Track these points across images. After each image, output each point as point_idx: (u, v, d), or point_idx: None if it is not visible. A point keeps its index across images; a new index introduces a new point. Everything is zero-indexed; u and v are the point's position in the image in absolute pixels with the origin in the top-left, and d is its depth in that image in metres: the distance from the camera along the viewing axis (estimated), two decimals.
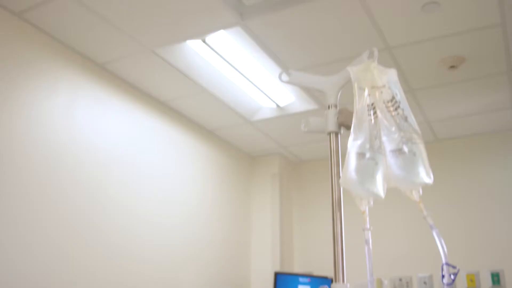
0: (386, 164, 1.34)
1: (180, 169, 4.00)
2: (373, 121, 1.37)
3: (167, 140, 3.92)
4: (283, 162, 5.15)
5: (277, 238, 4.78)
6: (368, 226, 1.33)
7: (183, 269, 3.85)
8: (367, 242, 1.32)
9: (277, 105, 4.17)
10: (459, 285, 4.31)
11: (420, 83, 3.69)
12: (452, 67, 3.44)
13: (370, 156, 1.34)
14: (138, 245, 3.44)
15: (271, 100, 4.07)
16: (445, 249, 1.30)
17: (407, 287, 4.49)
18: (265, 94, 3.97)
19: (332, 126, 1.49)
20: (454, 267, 1.27)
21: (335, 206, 1.41)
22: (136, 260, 3.40)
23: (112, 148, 3.35)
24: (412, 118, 1.38)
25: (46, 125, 2.90)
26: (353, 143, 1.35)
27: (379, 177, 1.34)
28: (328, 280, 4.61)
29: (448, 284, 1.27)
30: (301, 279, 4.51)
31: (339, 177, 1.43)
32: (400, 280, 4.50)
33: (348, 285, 1.35)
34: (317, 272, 4.78)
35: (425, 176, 1.33)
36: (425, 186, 1.34)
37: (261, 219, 4.88)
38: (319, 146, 4.97)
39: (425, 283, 4.45)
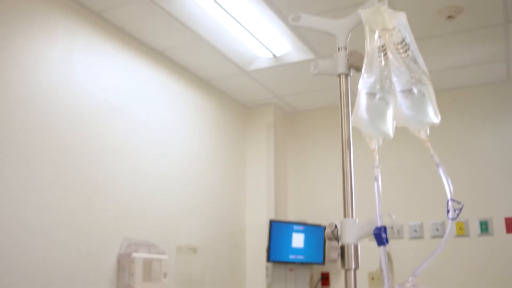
0: (396, 104, 1.38)
1: (176, 119, 4.03)
2: (383, 62, 1.40)
3: (163, 90, 3.93)
4: (278, 113, 5.18)
5: (271, 187, 4.85)
6: (377, 163, 1.37)
7: (180, 218, 3.92)
8: (376, 179, 1.37)
9: (273, 55, 4.17)
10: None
11: (417, 34, 3.69)
12: (450, 17, 3.45)
13: (381, 96, 1.38)
14: (136, 196, 3.49)
15: (268, 49, 4.06)
16: (451, 186, 1.36)
17: (398, 234, 4.62)
18: (262, 44, 3.96)
19: (342, 68, 1.52)
20: (459, 202, 1.33)
21: (345, 145, 1.45)
22: (134, 211, 3.46)
23: (109, 98, 3.36)
24: (421, 60, 1.42)
25: (43, 76, 2.90)
26: (364, 84, 1.39)
27: (389, 117, 1.38)
28: (321, 228, 4.73)
29: (452, 219, 1.33)
30: (295, 227, 4.62)
31: (348, 117, 1.47)
32: (392, 228, 4.63)
33: (357, 220, 1.41)
34: (311, 220, 4.89)
35: (433, 116, 1.38)
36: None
37: (256, 169, 4.94)
38: (314, 97, 5.00)
39: (415, 231, 4.58)
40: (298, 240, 4.58)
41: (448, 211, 1.34)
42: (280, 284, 4.55)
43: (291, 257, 4.53)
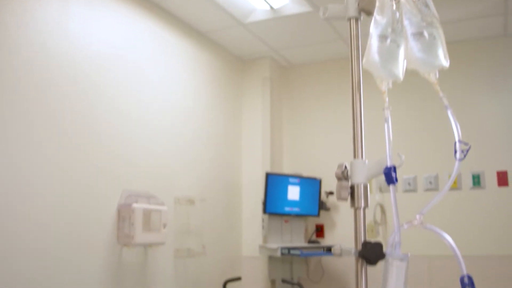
0: (407, 46, 1.40)
1: (172, 72, 4.01)
2: (395, 6, 1.41)
3: (159, 42, 3.90)
4: (274, 66, 5.17)
5: (267, 140, 4.89)
6: (387, 105, 1.39)
7: (178, 171, 3.96)
8: (386, 120, 1.40)
9: (271, 7, 4.13)
10: (441, 187, 4.52)
11: None
12: None
13: (392, 39, 1.39)
14: (134, 149, 3.51)
15: (265, 1, 4.03)
16: (459, 128, 1.39)
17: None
18: None
19: (352, 12, 1.52)
20: (466, 143, 1.36)
21: (355, 88, 1.46)
22: (133, 163, 3.48)
23: (106, 50, 3.34)
24: (431, 4, 1.43)
25: (41, 27, 2.86)
26: (376, 27, 1.39)
27: (400, 59, 1.40)
28: (316, 181, 4.79)
29: (459, 159, 1.36)
30: (291, 180, 4.68)
31: (358, 61, 1.48)
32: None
33: (367, 161, 1.44)
34: (306, 173, 4.95)
35: (443, 59, 1.41)
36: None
37: (251, 122, 4.96)
38: (310, 51, 4.99)
39: (409, 184, 4.65)
40: (293, 192, 4.64)
41: (455, 152, 1.37)
42: (275, 236, 4.63)
43: (287, 209, 4.61)
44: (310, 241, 4.89)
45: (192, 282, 4.03)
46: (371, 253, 1.32)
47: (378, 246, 1.33)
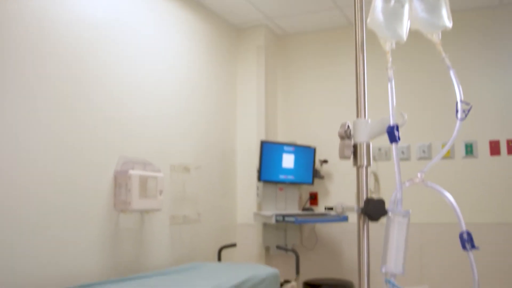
0: (411, 7, 1.40)
1: (167, 41, 3.99)
2: None
3: (155, 10, 3.87)
4: (269, 35, 5.15)
5: (262, 109, 4.90)
6: (390, 65, 1.41)
7: (173, 139, 3.96)
8: (390, 79, 1.41)
9: None
10: (434, 155, 4.56)
11: None
12: None
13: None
14: (130, 116, 3.51)
15: None
16: (460, 89, 1.40)
17: (385, 156, 4.73)
18: None
19: None
20: (467, 103, 1.38)
21: (359, 49, 1.47)
22: (129, 130, 3.48)
23: (103, 19, 3.30)
24: None
25: None
26: None
27: (404, 19, 1.41)
28: (311, 149, 4.82)
29: (461, 119, 1.38)
30: (285, 148, 4.70)
31: (362, 21, 1.49)
32: (379, 149, 4.74)
33: (369, 120, 1.46)
34: (300, 142, 4.98)
35: (446, 19, 1.42)
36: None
37: (246, 91, 4.96)
38: (305, 19, 4.96)
39: (402, 152, 4.69)
40: (288, 160, 4.67)
41: (456, 112, 1.39)
42: (270, 203, 4.68)
43: (281, 177, 4.64)
44: (304, 209, 4.95)
45: (187, 248, 4.08)
46: (373, 210, 1.35)
47: (381, 202, 1.36)
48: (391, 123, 1.38)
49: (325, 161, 4.92)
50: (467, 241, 1.33)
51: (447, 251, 4.38)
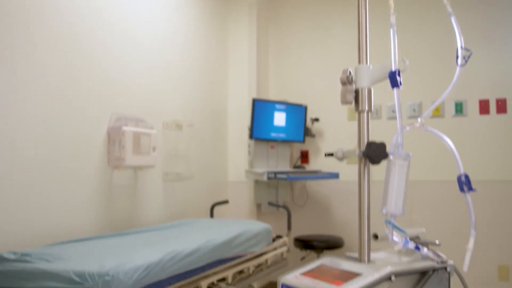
0: None
1: None
2: None
3: None
4: None
5: (253, 67, 4.88)
6: (393, 11, 1.42)
7: (165, 96, 3.95)
8: (392, 25, 1.42)
9: None
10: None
11: None
12: None
13: None
14: (122, 73, 3.48)
15: None
16: (461, 36, 1.42)
17: (376, 115, 4.76)
18: None
19: None
20: (467, 49, 1.40)
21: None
22: (121, 87, 3.46)
23: None
24: None
25: None
26: None
27: None
28: (302, 108, 4.83)
29: (460, 65, 1.40)
30: (277, 106, 4.71)
31: None
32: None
33: (371, 66, 1.47)
34: (292, 100, 4.99)
35: None
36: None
37: (238, 49, 4.94)
38: None
39: (393, 111, 4.73)
40: (279, 118, 4.69)
41: (457, 57, 1.41)
42: (261, 161, 4.71)
43: (273, 135, 4.67)
44: (295, 167, 4.99)
45: (180, 205, 4.11)
46: (375, 153, 1.37)
47: (382, 146, 1.38)
48: (393, 68, 1.40)
49: (316, 120, 4.94)
50: (464, 183, 1.37)
51: (436, 208, 4.47)
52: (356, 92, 1.47)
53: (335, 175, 4.54)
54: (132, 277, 2.22)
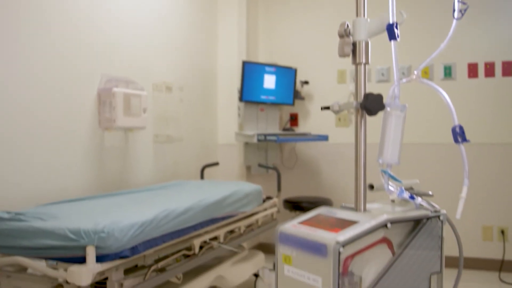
0: None
1: None
2: None
3: None
4: None
5: (243, 29, 4.85)
6: None
7: (154, 59, 3.92)
8: None
9: None
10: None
11: None
12: None
13: None
14: (112, 34, 3.45)
15: None
16: None
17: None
18: None
19: None
20: (464, 3, 1.41)
21: None
22: (111, 48, 3.43)
23: None
24: None
25: None
26: None
27: None
28: (292, 70, 4.83)
29: (457, 18, 1.42)
30: (267, 68, 4.71)
31: None
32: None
33: (369, 19, 1.48)
34: (282, 62, 4.99)
35: None
36: None
37: (227, 10, 4.89)
38: None
39: (382, 74, 4.74)
40: (269, 81, 4.69)
41: (454, 11, 1.43)
42: (251, 124, 4.73)
43: (263, 97, 4.67)
44: (284, 129, 5.02)
45: (171, 167, 4.13)
46: (372, 104, 1.39)
47: (379, 97, 1.40)
48: (391, 20, 1.40)
49: (306, 82, 4.95)
50: (459, 134, 1.39)
51: (425, 169, 4.54)
52: (354, 45, 1.48)
53: (325, 137, 4.58)
54: (127, 234, 2.25)
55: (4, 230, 2.27)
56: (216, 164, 4.29)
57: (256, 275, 3.74)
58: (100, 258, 2.17)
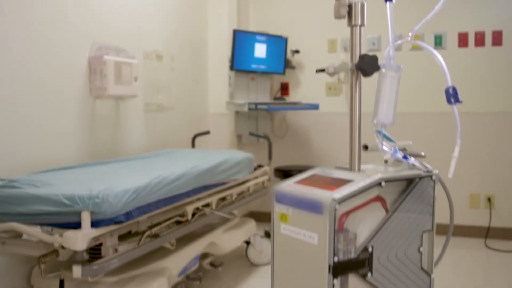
0: None
1: None
2: None
3: None
4: None
5: None
6: None
7: (144, 27, 3.89)
8: None
9: None
10: (405, 47, 4.64)
11: None
12: None
13: None
14: (102, 2, 3.42)
15: None
16: None
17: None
18: None
19: None
20: None
21: None
22: (100, 17, 3.40)
23: None
24: None
25: None
26: None
27: None
28: (283, 39, 4.82)
29: None
30: (258, 37, 4.69)
31: None
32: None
33: None
34: (272, 31, 4.96)
35: None
36: None
37: None
38: None
39: (373, 44, 4.74)
40: (260, 50, 4.68)
41: None
42: (242, 93, 4.73)
43: (253, 66, 4.66)
44: (275, 98, 5.03)
45: (162, 135, 4.14)
46: (368, 65, 1.41)
47: (374, 59, 1.42)
48: None
49: (297, 51, 4.94)
50: (452, 95, 1.42)
51: (413, 139, 4.58)
52: (350, 6, 1.49)
53: (315, 106, 4.60)
54: (121, 199, 2.27)
55: None
56: (207, 133, 4.31)
57: (248, 242, 3.79)
58: (94, 224, 2.19)
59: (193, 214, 2.98)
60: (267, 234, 4.07)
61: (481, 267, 3.79)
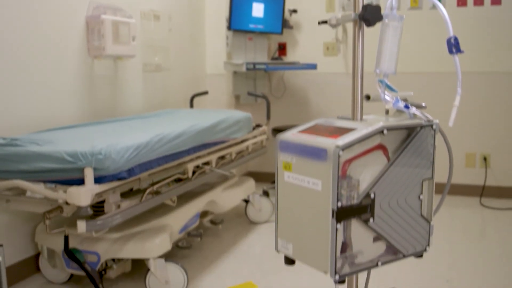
0: None
1: None
2: None
3: None
4: None
5: None
6: None
7: None
8: None
9: None
10: (404, 6, 4.61)
11: None
12: None
13: None
14: None
15: None
16: None
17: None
18: None
19: None
20: None
21: None
22: None
23: None
24: None
25: None
26: None
27: None
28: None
29: None
30: None
31: None
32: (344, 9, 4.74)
33: None
34: None
35: None
36: None
37: None
38: None
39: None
40: (258, 9, 4.64)
41: None
42: (239, 53, 4.71)
43: (251, 26, 4.63)
44: (273, 58, 5.02)
45: (160, 95, 4.15)
46: (370, 15, 1.41)
47: (377, 8, 1.42)
48: None
49: (295, 11, 4.91)
50: (453, 45, 1.43)
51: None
52: None
53: (313, 66, 4.59)
54: (124, 156, 2.30)
55: (1, 155, 2.30)
56: (206, 93, 4.31)
57: (247, 201, 3.84)
58: (97, 180, 2.23)
59: (194, 172, 3.02)
60: (266, 193, 4.12)
61: (476, 225, 3.86)
